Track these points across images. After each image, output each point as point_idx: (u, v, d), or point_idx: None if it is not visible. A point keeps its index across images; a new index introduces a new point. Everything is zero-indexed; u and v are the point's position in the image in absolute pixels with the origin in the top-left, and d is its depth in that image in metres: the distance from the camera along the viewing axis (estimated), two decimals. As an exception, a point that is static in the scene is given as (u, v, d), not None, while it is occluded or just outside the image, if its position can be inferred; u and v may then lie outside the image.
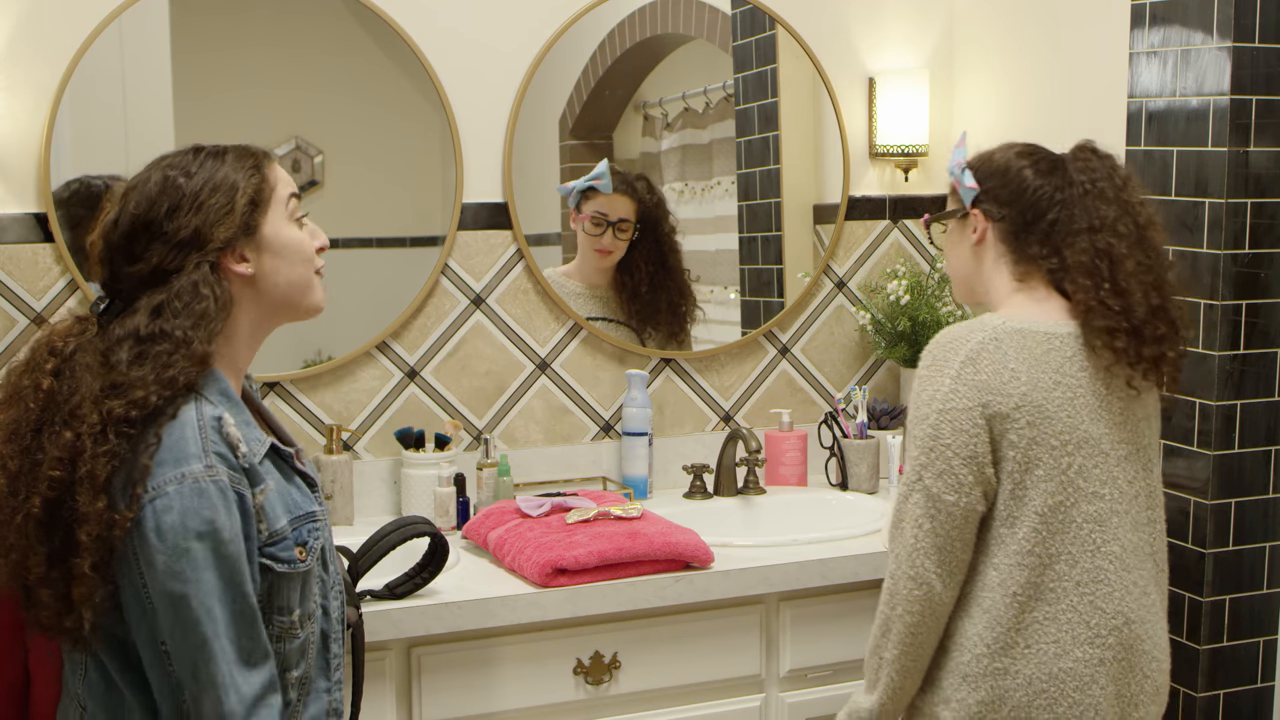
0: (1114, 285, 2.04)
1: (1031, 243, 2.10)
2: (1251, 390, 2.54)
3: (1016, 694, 1.99)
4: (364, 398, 2.91)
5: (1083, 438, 2.02)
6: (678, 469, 3.14)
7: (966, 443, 1.99)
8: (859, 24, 3.27)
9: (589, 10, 3.03)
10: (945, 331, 2.09)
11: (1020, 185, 2.11)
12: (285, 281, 1.79)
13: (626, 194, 3.08)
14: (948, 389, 2.01)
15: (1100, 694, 2.01)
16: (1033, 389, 2.00)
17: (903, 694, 2.06)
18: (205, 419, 1.66)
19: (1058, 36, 3.00)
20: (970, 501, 1.99)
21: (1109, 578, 2.02)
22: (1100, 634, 2.01)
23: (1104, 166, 2.10)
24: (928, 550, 2.00)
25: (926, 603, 2.01)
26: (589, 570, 2.47)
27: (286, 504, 1.75)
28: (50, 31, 2.62)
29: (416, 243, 2.99)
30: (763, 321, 3.26)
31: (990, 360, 2.01)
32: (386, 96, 2.95)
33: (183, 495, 1.62)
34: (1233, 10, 2.45)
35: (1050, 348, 2.04)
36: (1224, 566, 2.57)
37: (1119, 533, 2.04)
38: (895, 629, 2.03)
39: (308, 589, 1.77)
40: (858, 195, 3.32)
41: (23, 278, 2.63)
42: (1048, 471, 2.00)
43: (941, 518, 1.99)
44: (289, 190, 1.81)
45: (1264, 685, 2.64)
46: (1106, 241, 2.05)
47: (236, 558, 1.64)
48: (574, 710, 2.52)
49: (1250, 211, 2.51)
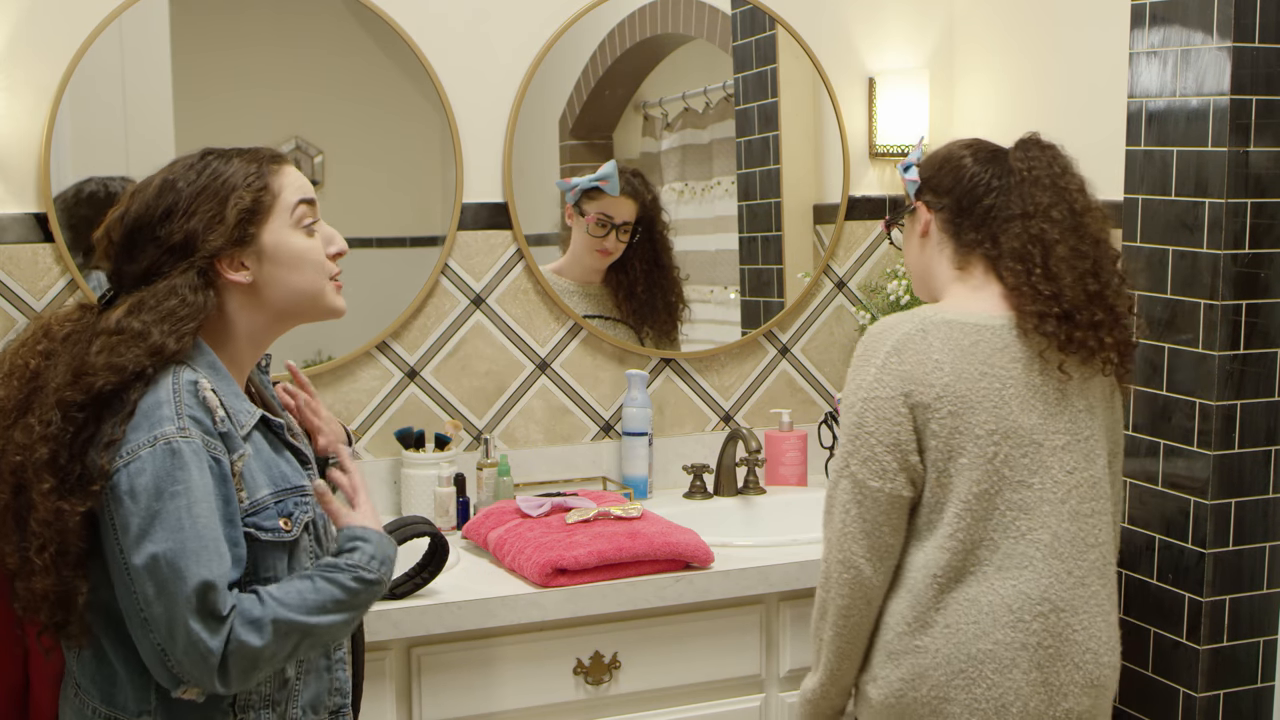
0: (1045, 270, 2.06)
1: (968, 229, 2.14)
2: (1251, 390, 2.54)
3: (935, 673, 2.03)
4: (364, 398, 2.91)
5: (1010, 428, 2.04)
6: (678, 469, 3.14)
7: (890, 430, 2.03)
8: (859, 24, 3.27)
9: (589, 10, 3.03)
10: (878, 322, 2.14)
11: (958, 173, 2.15)
12: (291, 290, 1.80)
13: (630, 196, 3.08)
14: (872, 378, 2.06)
15: (1022, 678, 2.03)
16: (956, 380, 2.03)
17: (841, 674, 2.12)
18: (181, 383, 1.69)
19: (1058, 36, 3.00)
20: (895, 487, 2.04)
21: (1035, 564, 2.04)
22: (1023, 619, 2.03)
23: (1045, 156, 2.13)
24: (855, 535, 2.05)
25: (856, 585, 2.06)
26: (589, 570, 2.47)
27: (272, 476, 1.77)
28: (50, 31, 2.62)
29: (416, 243, 2.99)
30: (763, 321, 3.26)
31: (915, 351, 2.05)
32: (386, 96, 2.95)
33: (155, 457, 1.64)
34: (1233, 10, 2.44)
35: (979, 339, 2.06)
36: (1224, 566, 2.57)
37: (1049, 521, 2.05)
38: (830, 611, 2.09)
39: (296, 561, 1.78)
40: (858, 195, 3.32)
41: (23, 278, 2.63)
42: (971, 460, 2.03)
43: (868, 503, 2.04)
44: (297, 197, 1.81)
45: (1264, 685, 2.64)
46: (1039, 227, 2.07)
47: (208, 518, 1.64)
48: (574, 710, 2.52)
49: (1250, 211, 2.50)
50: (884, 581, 2.07)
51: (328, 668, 1.87)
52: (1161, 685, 2.64)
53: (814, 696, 2.16)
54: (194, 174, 1.77)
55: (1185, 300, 2.56)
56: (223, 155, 1.80)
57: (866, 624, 2.09)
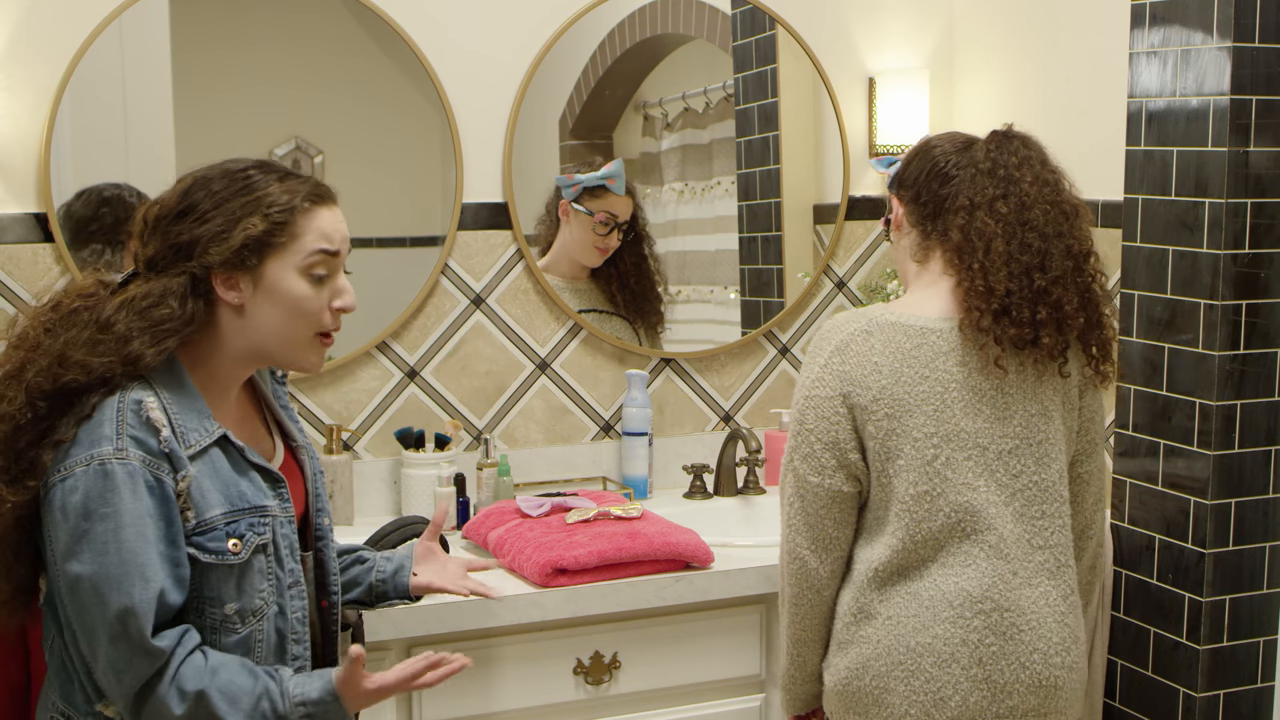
0: (982, 265, 2.05)
1: (925, 219, 2.15)
2: (1251, 390, 2.54)
3: (876, 663, 2.07)
4: (364, 398, 2.91)
5: (952, 431, 2.05)
6: (678, 469, 3.14)
7: (828, 429, 2.07)
8: (859, 24, 3.27)
9: (589, 10, 3.03)
10: (831, 319, 2.16)
11: (925, 164, 2.16)
12: (272, 330, 1.77)
13: (629, 195, 3.08)
14: (814, 377, 2.09)
15: (961, 674, 2.05)
16: (894, 383, 2.05)
17: (801, 661, 2.18)
18: (126, 402, 1.68)
19: (1058, 36, 3.00)
20: (834, 484, 2.08)
21: (979, 563, 2.06)
22: (964, 615, 2.05)
23: (1010, 146, 2.12)
24: (799, 527, 2.11)
25: (802, 575, 2.12)
26: (589, 570, 2.47)
27: (229, 495, 1.74)
28: (50, 31, 2.62)
29: (416, 243, 2.99)
30: (763, 321, 3.26)
31: (856, 352, 2.07)
32: (386, 96, 2.95)
33: (88, 477, 1.65)
34: (1233, 10, 2.44)
35: (922, 342, 2.07)
36: (1224, 566, 2.57)
37: (995, 523, 2.06)
38: (785, 597, 2.17)
39: (246, 583, 1.75)
40: (858, 195, 3.32)
41: (23, 278, 2.63)
42: (909, 462, 2.05)
43: (809, 497, 2.09)
44: (317, 246, 1.76)
45: (1264, 685, 2.64)
46: (982, 220, 2.06)
47: (134, 543, 1.64)
48: (574, 710, 2.52)
49: (1250, 211, 2.50)
50: (831, 572, 2.12)
51: None
52: (1161, 685, 2.64)
53: (784, 682, 2.23)
54: (227, 181, 1.75)
55: (1185, 300, 2.56)
56: (269, 172, 1.77)
57: (817, 612, 2.14)
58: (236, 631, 1.75)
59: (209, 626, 1.73)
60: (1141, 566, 2.67)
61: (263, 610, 1.77)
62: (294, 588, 1.83)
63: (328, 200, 1.80)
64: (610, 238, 3.07)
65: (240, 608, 1.75)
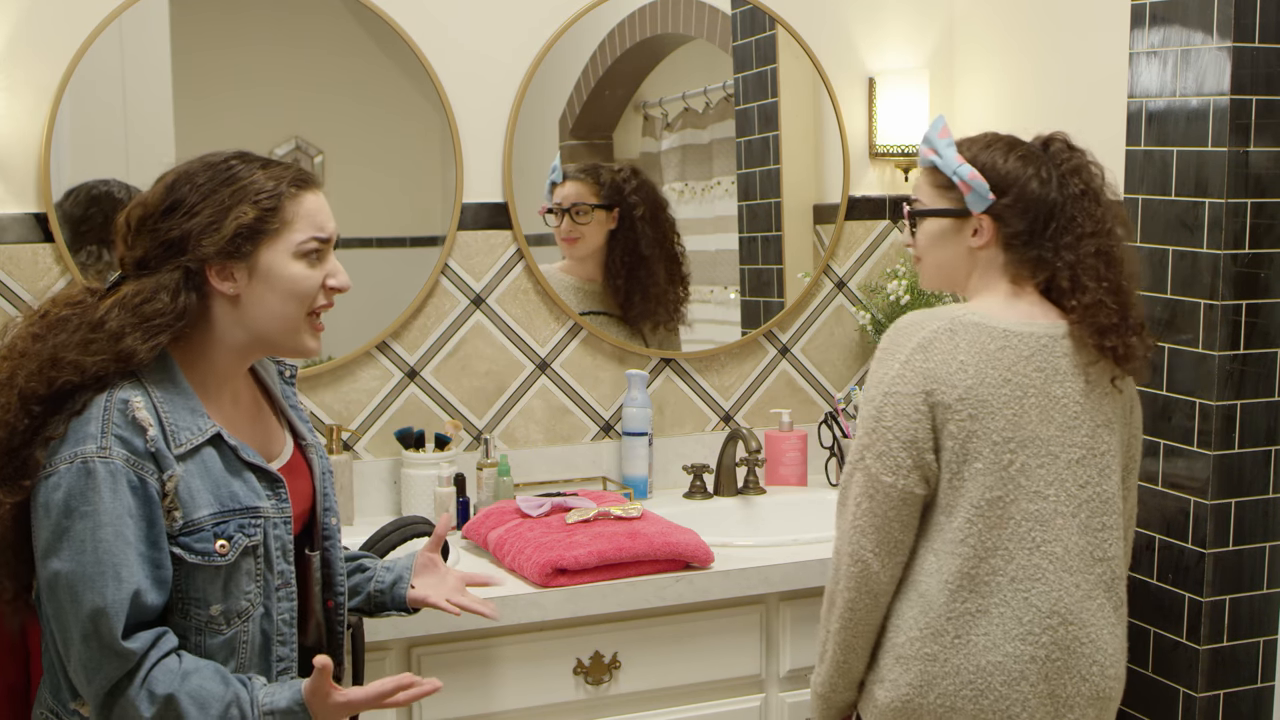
0: (1112, 284, 2.07)
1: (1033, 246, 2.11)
2: (1251, 390, 2.54)
3: (944, 681, 2.03)
4: (364, 398, 2.91)
5: (1028, 437, 2.04)
6: (678, 469, 3.14)
7: (907, 427, 2.03)
8: (859, 24, 3.27)
9: (589, 10, 3.03)
10: (905, 316, 2.13)
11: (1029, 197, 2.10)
12: (269, 314, 1.76)
13: (579, 180, 3.07)
14: (895, 373, 2.05)
15: (1029, 691, 2.04)
16: (978, 383, 2.03)
17: (847, 668, 2.12)
18: (113, 401, 1.68)
19: (1058, 36, 3.00)
20: (908, 484, 2.03)
21: (1047, 576, 2.05)
22: (1033, 631, 2.03)
23: (1085, 163, 2.13)
24: (865, 529, 2.05)
25: (864, 580, 2.06)
26: (589, 570, 2.47)
27: (219, 495, 1.73)
28: (50, 31, 2.62)
29: (416, 243, 2.99)
30: (763, 321, 3.26)
31: (941, 350, 2.04)
32: (386, 96, 2.95)
33: (71, 474, 1.65)
34: (1233, 10, 2.44)
35: (1005, 345, 2.06)
36: (1224, 566, 2.57)
37: (1062, 534, 2.06)
38: (838, 604, 2.10)
39: (233, 585, 1.74)
40: (858, 195, 3.32)
41: (23, 278, 2.63)
42: (986, 465, 2.03)
43: (879, 498, 2.04)
44: (309, 234, 1.77)
45: (1264, 685, 2.64)
46: (1106, 244, 2.09)
47: (112, 542, 1.64)
48: (574, 710, 2.52)
49: (1250, 211, 2.50)
50: (891, 578, 2.07)
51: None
52: (1161, 685, 2.64)
53: (824, 690, 2.16)
54: (211, 173, 1.75)
55: (1185, 300, 2.56)
56: (250, 162, 1.77)
57: (873, 619, 2.09)
58: (221, 632, 1.74)
59: (194, 627, 1.72)
60: (1142, 566, 2.67)
61: (249, 612, 1.76)
62: (282, 589, 1.81)
63: (312, 185, 1.80)
64: (563, 225, 3.06)
65: (226, 609, 1.74)
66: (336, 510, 1.98)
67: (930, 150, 2.16)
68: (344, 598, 1.99)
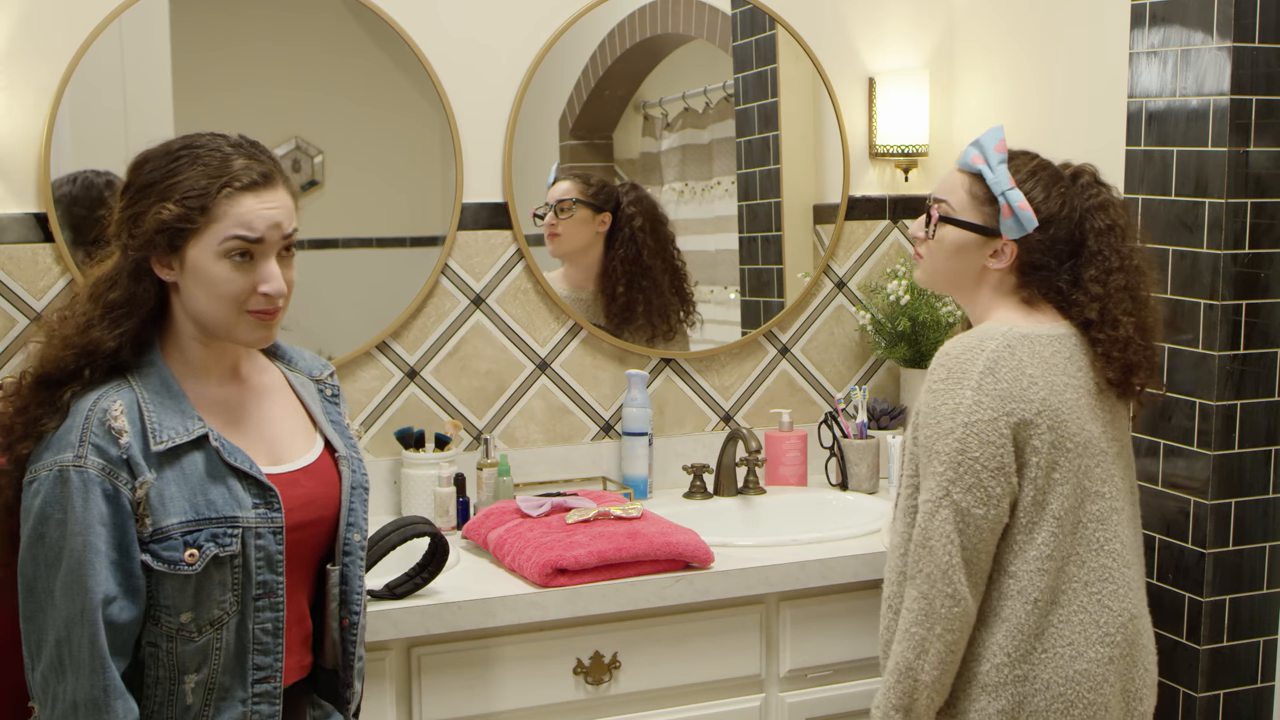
0: (1139, 321, 2.09)
1: (1052, 279, 2.11)
2: (1251, 390, 2.54)
3: (1035, 699, 2.00)
4: (364, 398, 2.91)
5: (1088, 438, 2.04)
6: (678, 469, 3.14)
7: (994, 455, 1.98)
8: (859, 24, 3.27)
9: (589, 10, 3.03)
10: (955, 343, 2.07)
11: (1059, 236, 2.10)
12: (203, 310, 1.74)
13: (569, 178, 3.07)
14: (970, 401, 1.99)
15: (1110, 692, 2.04)
16: (1050, 393, 2.02)
17: (933, 709, 2.03)
18: (95, 410, 1.69)
19: (1058, 36, 3.00)
20: (999, 514, 1.99)
21: (1114, 575, 2.05)
22: (1109, 632, 2.03)
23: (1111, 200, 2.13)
24: (958, 566, 1.98)
25: (964, 619, 1.99)
26: (589, 570, 2.47)
27: (195, 503, 1.71)
28: (50, 31, 2.62)
29: (416, 243, 2.99)
30: (763, 321, 3.26)
31: (1008, 368, 2.01)
32: (386, 96, 2.95)
33: (49, 482, 1.67)
34: (1233, 10, 2.45)
35: (1059, 349, 2.06)
36: (1224, 566, 2.57)
37: (1119, 530, 2.06)
38: (933, 649, 1.99)
39: (204, 594, 1.72)
40: (858, 195, 3.32)
41: (23, 278, 2.63)
42: (1064, 474, 2.02)
43: (970, 532, 1.98)
44: (234, 232, 1.70)
45: (1264, 685, 2.64)
46: (1134, 281, 2.09)
47: (81, 552, 1.65)
48: (574, 710, 2.52)
49: (1250, 211, 2.50)
50: (977, 610, 2.02)
51: (243, 700, 1.76)
52: (1162, 685, 2.64)
53: None
54: (158, 162, 1.73)
55: (1185, 300, 2.56)
56: (193, 158, 1.72)
57: (961, 653, 2.02)
58: (193, 640, 1.72)
59: (165, 634, 1.71)
60: (1141, 566, 2.67)
61: (222, 620, 1.74)
62: (263, 600, 1.76)
63: (263, 185, 1.73)
64: (547, 220, 3.05)
65: (196, 617, 1.72)
66: (364, 528, 1.92)
67: (980, 159, 2.10)
68: (359, 617, 1.92)
